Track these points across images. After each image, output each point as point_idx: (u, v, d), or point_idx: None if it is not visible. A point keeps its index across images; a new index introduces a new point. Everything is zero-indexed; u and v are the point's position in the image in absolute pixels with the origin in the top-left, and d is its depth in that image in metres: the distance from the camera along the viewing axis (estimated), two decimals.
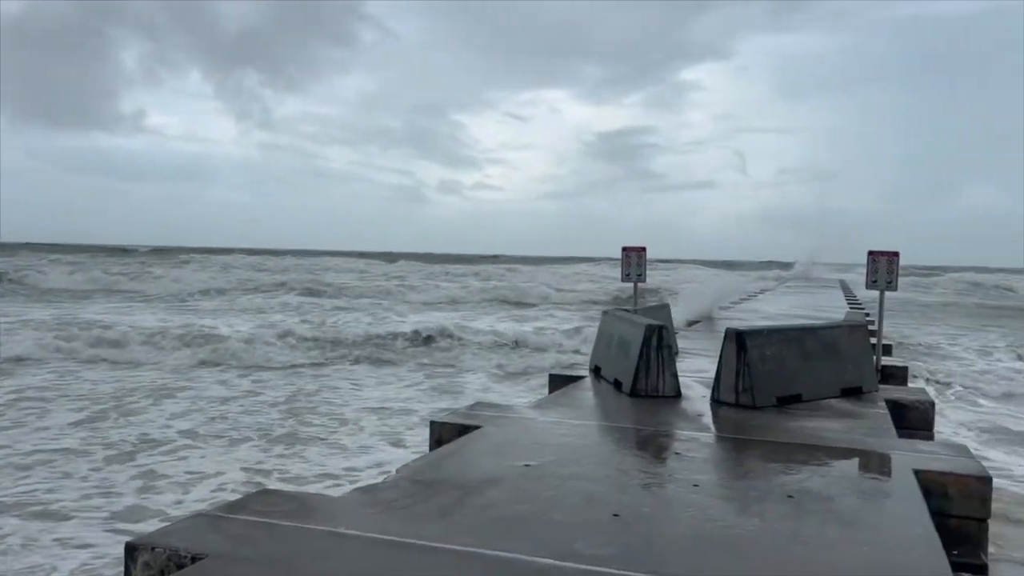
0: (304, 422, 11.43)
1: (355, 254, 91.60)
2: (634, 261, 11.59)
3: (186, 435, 10.48)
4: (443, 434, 6.13)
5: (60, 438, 10.20)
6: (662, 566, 3.44)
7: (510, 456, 5.31)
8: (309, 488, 8.08)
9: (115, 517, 7.44)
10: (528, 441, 5.81)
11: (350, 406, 12.70)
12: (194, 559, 3.35)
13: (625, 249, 11.71)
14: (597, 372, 9.10)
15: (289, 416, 11.82)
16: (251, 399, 13.15)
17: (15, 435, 10.25)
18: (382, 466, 8.96)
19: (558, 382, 8.94)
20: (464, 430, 6.05)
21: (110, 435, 10.37)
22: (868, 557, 3.64)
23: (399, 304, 34.45)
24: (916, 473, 5.05)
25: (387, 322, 25.05)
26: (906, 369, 10.42)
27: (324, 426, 11.24)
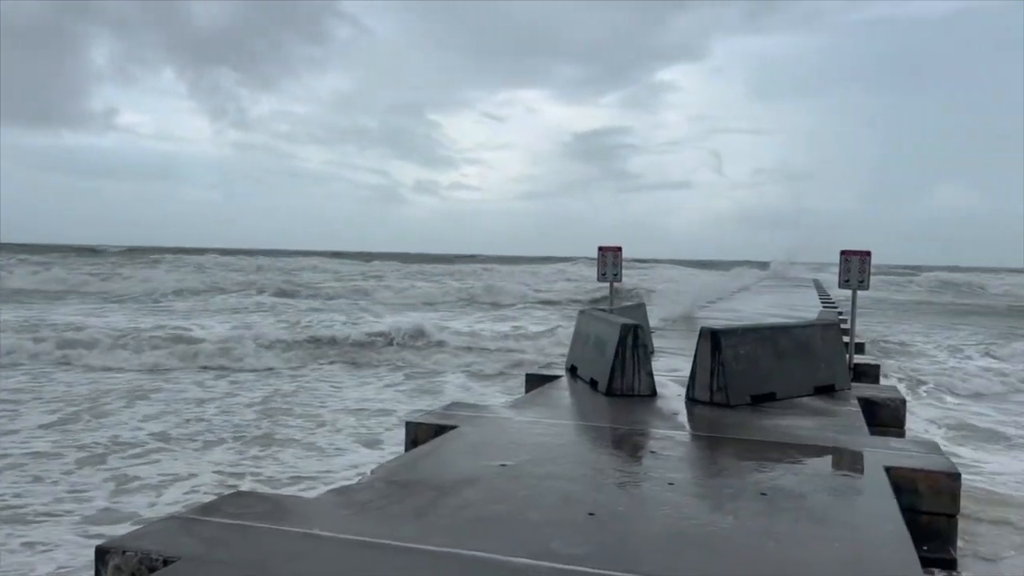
0: (280, 424, 11.34)
1: (331, 254, 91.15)
2: (610, 261, 11.63)
3: (159, 437, 10.36)
4: (419, 434, 6.12)
5: (30, 441, 10.05)
6: (637, 564, 3.46)
7: (486, 456, 5.32)
8: (285, 490, 8.02)
9: (87, 521, 7.34)
10: (504, 441, 5.81)
11: (327, 407, 12.62)
12: (166, 562, 3.33)
13: (601, 249, 11.74)
14: (573, 371, 9.13)
15: (264, 418, 11.72)
16: (226, 401, 13.02)
17: None
18: (359, 467, 8.91)
19: (535, 382, 8.96)
20: (440, 430, 6.04)
21: (82, 438, 10.23)
22: (840, 553, 3.69)
23: (375, 304, 34.31)
24: (887, 470, 5.12)
25: (364, 323, 24.93)
26: (878, 367, 10.56)
27: (300, 427, 11.16)
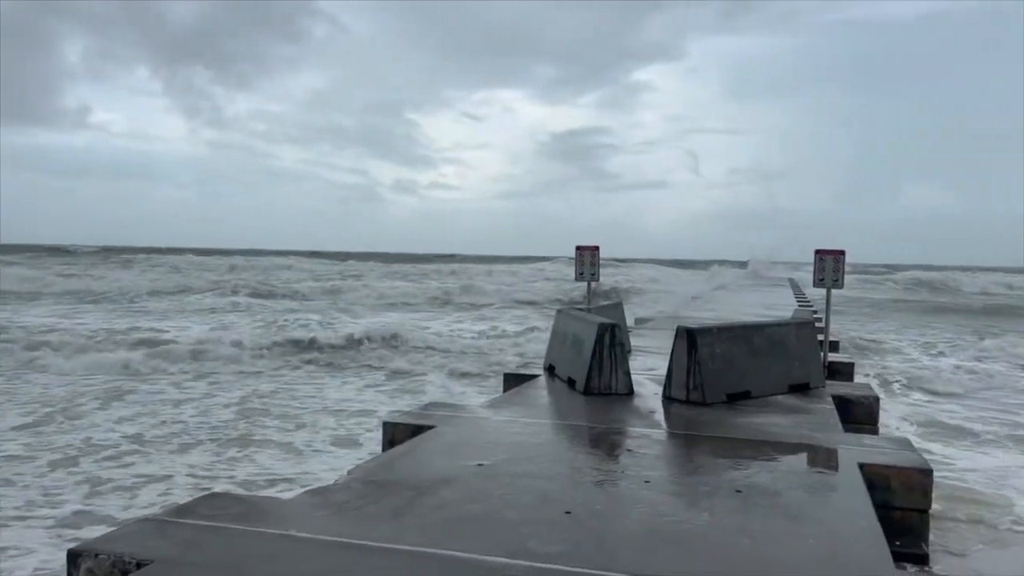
0: (257, 425, 11.26)
1: (308, 254, 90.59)
2: (587, 260, 11.65)
3: (134, 439, 10.25)
4: (396, 434, 6.11)
5: (2, 444, 9.91)
6: (613, 562, 3.47)
7: (463, 456, 5.32)
8: (262, 492, 7.97)
9: (60, 524, 7.25)
10: (482, 440, 5.81)
11: (306, 408, 12.54)
12: (139, 565, 3.30)
13: (579, 248, 11.76)
14: (551, 371, 9.14)
15: (241, 419, 11.63)
16: (203, 402, 12.90)
17: None
18: (338, 469, 8.86)
19: (512, 381, 8.97)
20: (417, 430, 6.04)
21: (55, 440, 10.11)
22: (813, 549, 3.72)
23: (353, 305, 34.16)
24: (861, 467, 5.18)
25: (341, 323, 24.82)
26: (852, 365, 10.67)
27: (278, 428, 11.08)
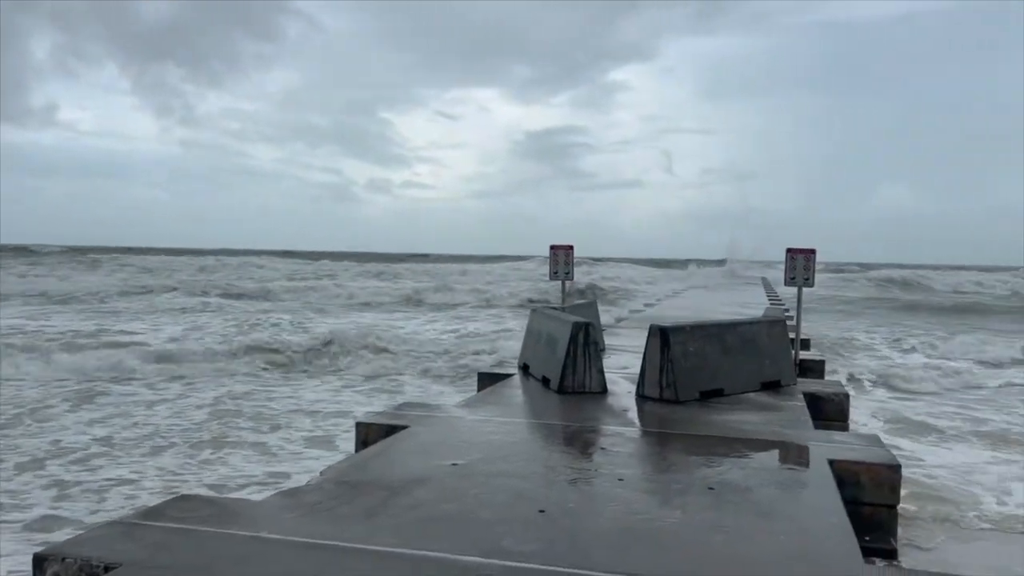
0: (231, 426, 11.14)
1: (281, 253, 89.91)
2: (562, 259, 11.67)
3: (104, 442, 10.11)
4: (369, 435, 6.08)
5: None
6: (586, 560, 3.48)
7: (438, 455, 5.30)
8: (236, 494, 7.89)
9: (27, 528, 7.14)
10: (456, 440, 5.80)
11: (281, 410, 12.43)
12: (107, 568, 3.25)
13: (553, 248, 11.78)
14: (525, 370, 9.15)
15: (214, 419, 11.51)
16: (175, 403, 12.74)
17: None
18: (312, 471, 8.79)
19: (487, 380, 8.97)
20: (391, 430, 6.01)
21: (22, 443, 9.94)
22: (784, 545, 3.76)
23: (328, 305, 33.96)
24: (831, 463, 5.23)
25: (316, 323, 24.67)
26: (823, 363, 10.78)
27: (253, 429, 10.98)
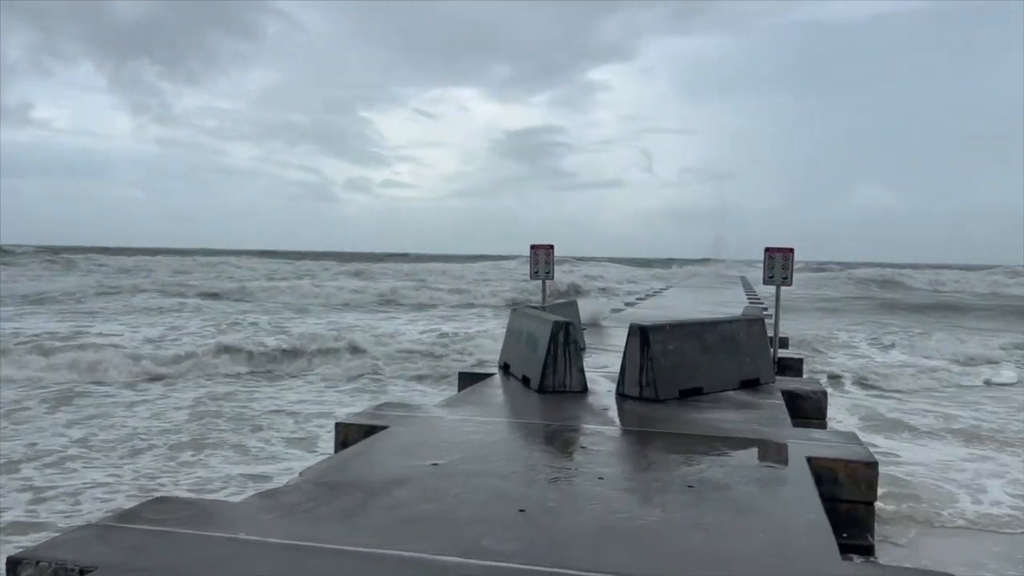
0: (212, 427, 11.04)
1: (260, 253, 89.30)
2: (542, 259, 11.68)
3: (82, 444, 10.00)
4: (349, 435, 6.05)
5: None
6: (566, 559, 3.48)
7: (417, 455, 5.29)
8: (216, 496, 7.82)
9: (2, 531, 7.05)
10: (436, 440, 5.79)
11: (262, 410, 12.33)
12: (82, 572, 3.21)
13: (533, 247, 11.78)
14: (506, 369, 9.15)
15: (194, 421, 11.41)
16: (154, 405, 12.61)
17: None
18: (294, 472, 8.73)
19: (467, 380, 8.95)
20: (371, 431, 5.98)
21: None
22: (763, 543, 3.78)
23: (309, 305, 33.77)
24: (809, 460, 5.27)
25: (295, 324, 24.53)
26: (801, 361, 10.87)
27: (234, 431, 10.89)
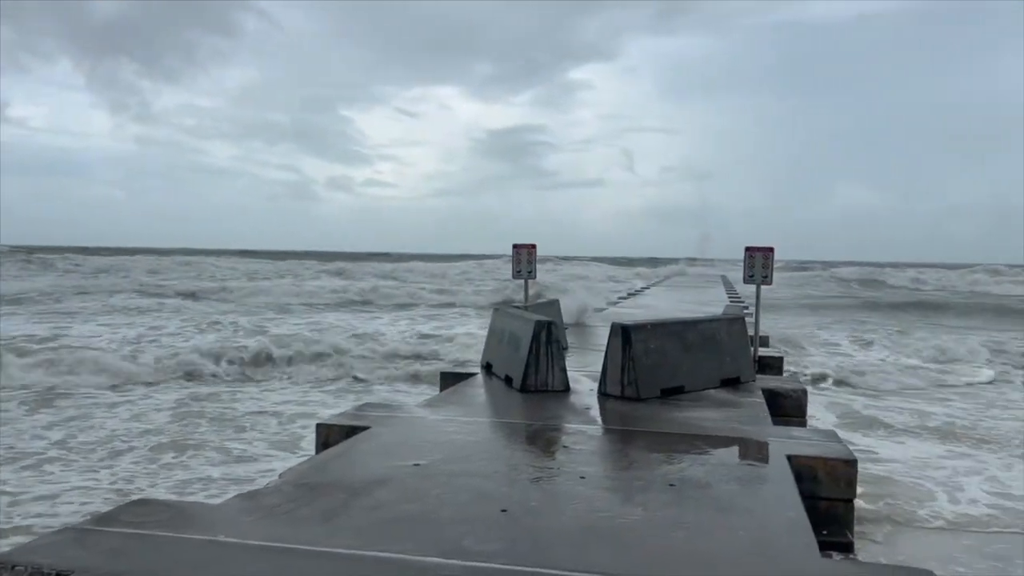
0: (194, 429, 10.94)
1: (240, 253, 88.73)
2: (524, 258, 11.69)
3: (61, 446, 9.90)
4: (330, 436, 6.02)
5: None
6: (548, 559, 3.48)
7: (399, 456, 5.27)
8: (197, 498, 7.75)
9: None
10: (418, 440, 5.78)
11: (245, 412, 12.24)
12: None
13: (516, 247, 11.79)
14: (488, 369, 9.14)
15: (176, 422, 11.31)
16: (135, 406, 12.48)
17: None
18: (276, 473, 8.67)
19: (450, 380, 8.94)
20: (352, 431, 5.96)
21: None
22: (744, 541, 3.80)
23: (290, 305, 33.59)
24: (789, 458, 5.30)
25: (277, 324, 24.40)
26: (782, 359, 10.94)
27: (216, 432, 10.80)
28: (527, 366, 7.79)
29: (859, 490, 5.55)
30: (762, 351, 10.56)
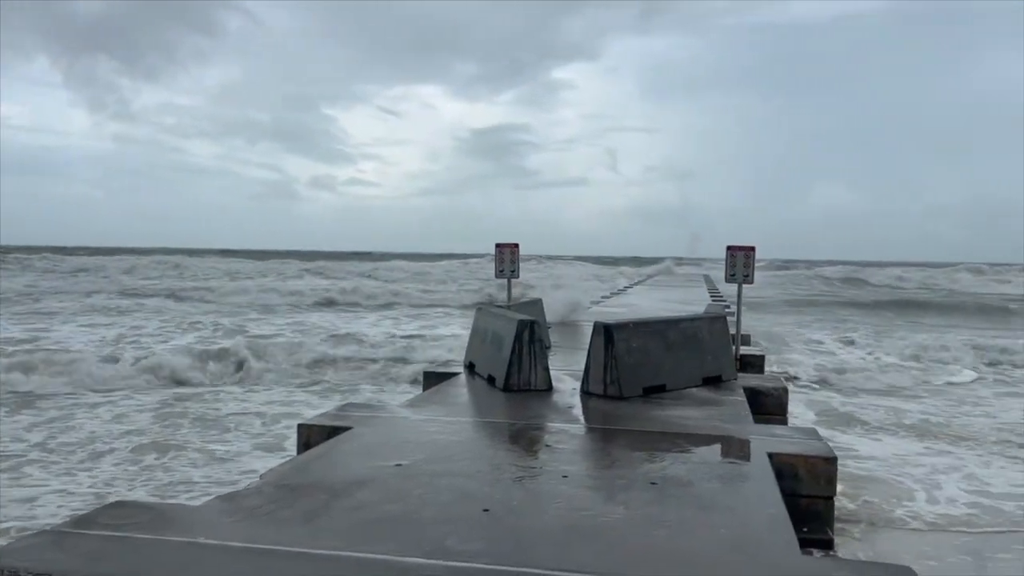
0: (176, 430, 10.86)
1: (222, 252, 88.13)
2: (507, 258, 11.69)
3: (40, 447, 9.80)
4: (311, 436, 6.00)
5: None
6: (530, 559, 3.48)
7: (381, 456, 5.26)
8: (179, 500, 7.70)
9: None
10: (400, 440, 5.76)
11: (229, 413, 12.15)
12: None
13: (499, 246, 11.79)
14: (471, 368, 9.13)
15: (158, 423, 11.22)
16: (117, 406, 12.38)
17: None
18: (258, 474, 8.61)
19: (432, 379, 8.92)
20: (334, 431, 5.94)
21: None
22: (725, 539, 3.81)
23: (272, 304, 33.41)
24: (770, 456, 5.33)
25: (259, 324, 24.28)
26: (763, 358, 10.98)
27: (199, 433, 10.72)
28: (510, 365, 7.79)
29: (839, 487, 5.59)
30: (744, 349, 10.61)
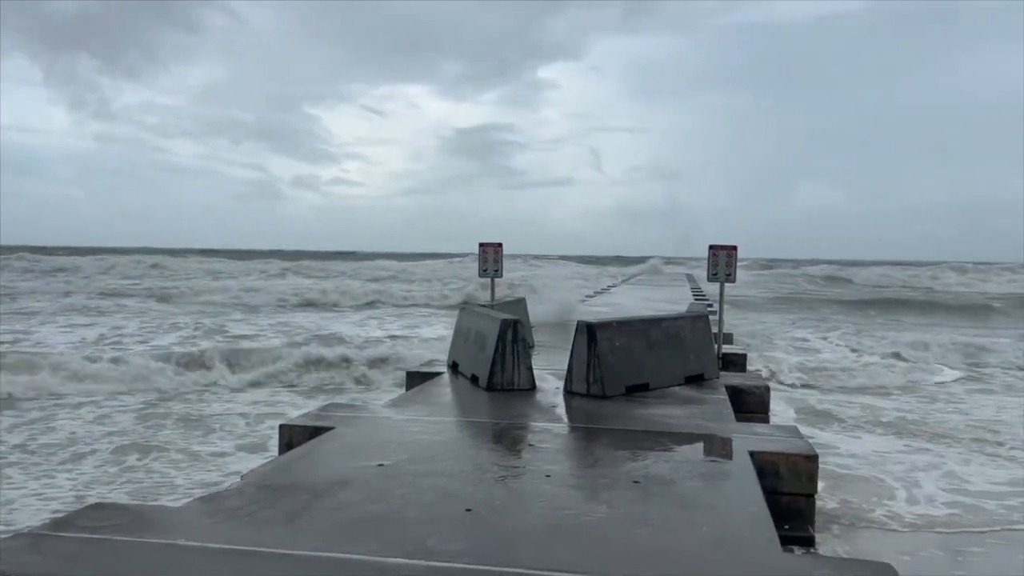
0: (159, 431, 10.77)
1: (205, 252, 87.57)
2: (491, 257, 11.70)
3: (20, 449, 9.69)
4: (293, 437, 5.97)
5: None
6: (513, 558, 3.48)
7: (363, 456, 5.24)
8: (161, 502, 7.64)
9: None
10: (382, 440, 5.75)
11: (212, 413, 12.05)
12: None
13: (482, 245, 11.79)
14: (455, 368, 9.12)
15: (141, 423, 11.12)
16: (100, 407, 12.26)
17: None
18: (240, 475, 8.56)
19: (416, 379, 8.91)
20: (316, 432, 5.92)
21: None
22: (707, 537, 3.83)
23: (254, 304, 33.21)
24: (752, 454, 5.36)
25: (242, 325, 24.14)
26: (745, 356, 11.04)
27: (183, 434, 10.62)
28: (493, 365, 7.79)
29: (820, 485, 5.63)
30: (726, 348, 10.66)
